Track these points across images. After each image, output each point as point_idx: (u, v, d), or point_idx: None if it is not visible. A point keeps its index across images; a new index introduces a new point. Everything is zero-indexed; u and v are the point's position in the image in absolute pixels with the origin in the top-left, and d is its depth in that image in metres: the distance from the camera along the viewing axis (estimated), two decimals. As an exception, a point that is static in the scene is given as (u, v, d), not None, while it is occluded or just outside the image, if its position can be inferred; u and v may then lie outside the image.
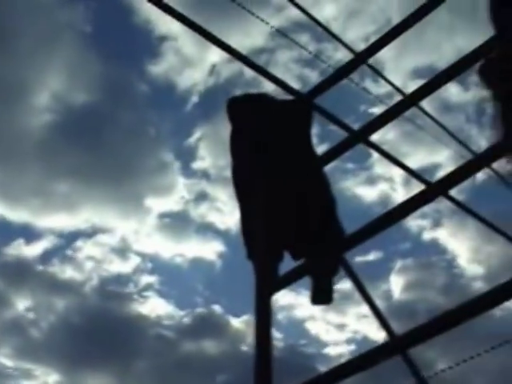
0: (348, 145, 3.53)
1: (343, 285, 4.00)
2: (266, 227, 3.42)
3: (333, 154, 3.61)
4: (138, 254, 19.01)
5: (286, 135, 3.61)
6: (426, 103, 4.85)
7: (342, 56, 4.29)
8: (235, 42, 3.71)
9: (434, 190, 2.73)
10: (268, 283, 3.42)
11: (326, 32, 4.55)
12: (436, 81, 2.84)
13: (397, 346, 3.13)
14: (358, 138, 3.42)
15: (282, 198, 3.53)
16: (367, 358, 2.90)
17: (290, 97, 3.78)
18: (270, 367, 3.21)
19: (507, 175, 1.52)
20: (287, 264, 3.63)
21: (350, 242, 3.05)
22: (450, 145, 5.81)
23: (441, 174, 2.98)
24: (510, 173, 1.57)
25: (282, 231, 3.57)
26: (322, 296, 3.55)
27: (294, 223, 3.52)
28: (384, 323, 3.73)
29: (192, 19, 3.58)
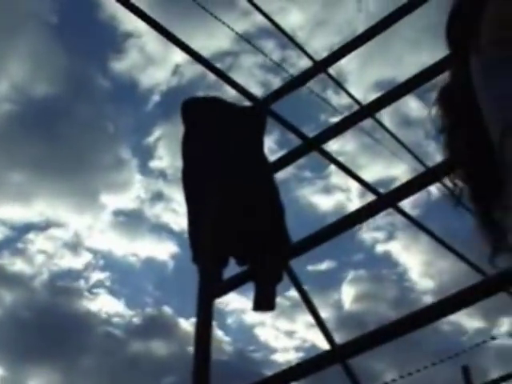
0: (301, 152, 3.51)
1: (294, 292, 3.99)
2: (213, 231, 3.41)
3: (285, 161, 3.60)
4: (91, 250, 18.84)
5: (238, 140, 3.60)
6: (386, 117, 4.87)
7: (305, 64, 4.29)
8: (200, 43, 3.70)
9: (382, 201, 2.72)
10: (211, 287, 3.41)
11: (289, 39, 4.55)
12: (393, 93, 2.82)
13: (337, 355, 3.13)
14: (312, 146, 3.40)
15: (230, 203, 3.51)
16: (308, 365, 2.90)
17: (247, 102, 3.78)
18: (209, 370, 3.20)
19: (455, 192, 1.50)
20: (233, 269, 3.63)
21: (295, 251, 3.04)
22: (407, 159, 5.85)
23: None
24: (458, 190, 1.54)
25: (229, 236, 3.56)
26: (264, 303, 3.53)
27: (240, 229, 3.51)
28: (326, 332, 3.72)
29: (156, 19, 3.55)
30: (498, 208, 1.27)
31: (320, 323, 3.66)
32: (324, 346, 3.73)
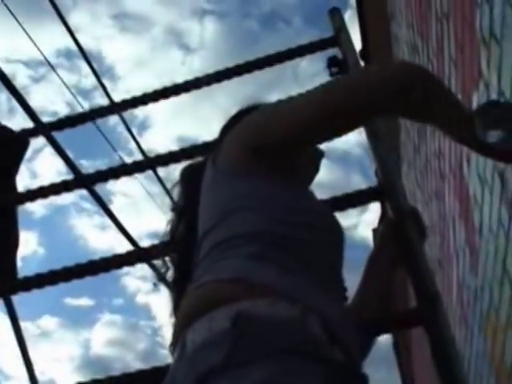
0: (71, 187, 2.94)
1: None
2: None
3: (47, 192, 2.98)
4: None
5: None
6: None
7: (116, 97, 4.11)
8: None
9: (137, 254, 2.43)
10: None
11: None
12: (179, 153, 2.51)
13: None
14: (80, 183, 2.91)
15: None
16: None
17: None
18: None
19: (162, 271, 1.65)
20: None
21: (16, 286, 2.64)
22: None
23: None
24: (165, 270, 1.68)
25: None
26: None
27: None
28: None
29: None
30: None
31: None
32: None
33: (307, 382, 0.99)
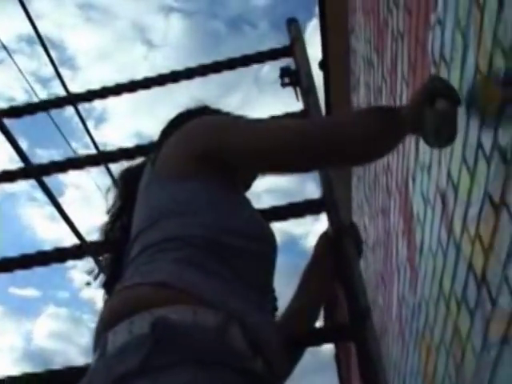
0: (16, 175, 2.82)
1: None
2: None
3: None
4: None
5: None
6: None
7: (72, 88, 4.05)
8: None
9: (83, 249, 2.39)
10: None
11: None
12: (133, 150, 2.49)
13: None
14: (28, 173, 2.83)
15: None
16: None
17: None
18: None
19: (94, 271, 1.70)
20: None
21: None
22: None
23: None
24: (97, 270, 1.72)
25: None
26: None
27: None
28: None
29: None
30: None
31: None
32: None
33: None
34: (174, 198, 1.37)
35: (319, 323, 1.74)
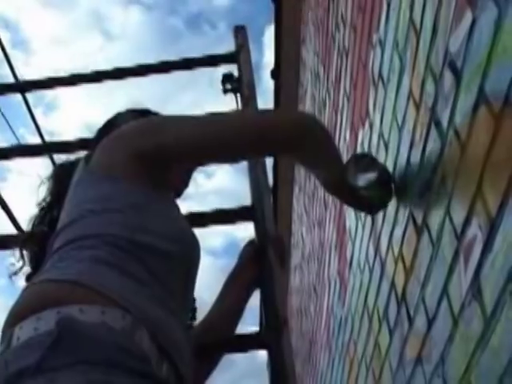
0: None
1: None
2: None
3: None
4: None
5: None
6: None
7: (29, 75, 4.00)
8: None
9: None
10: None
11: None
12: (77, 143, 2.47)
13: None
14: None
15: None
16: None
17: None
18: None
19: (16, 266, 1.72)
20: None
21: None
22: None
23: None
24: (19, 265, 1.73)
25: None
26: None
27: None
28: None
29: None
30: None
31: None
32: None
33: None
34: (100, 197, 1.37)
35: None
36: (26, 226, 1.72)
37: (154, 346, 1.14)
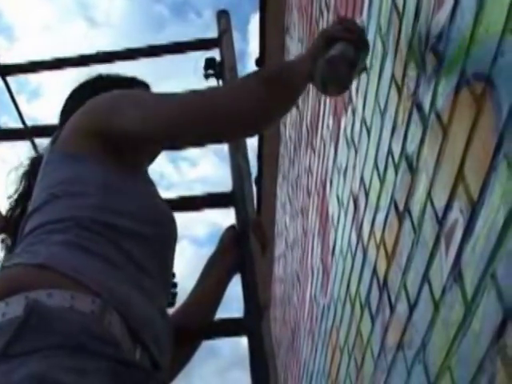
0: None
1: None
2: None
3: None
4: None
5: None
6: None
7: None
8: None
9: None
10: None
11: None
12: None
13: None
14: None
15: None
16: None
17: None
18: None
19: None
20: None
21: None
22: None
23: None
24: None
25: None
26: None
27: None
28: None
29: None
30: None
31: None
32: None
33: (87, 381, 0.97)
34: (67, 178, 1.34)
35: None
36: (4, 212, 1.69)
37: (126, 331, 1.12)
